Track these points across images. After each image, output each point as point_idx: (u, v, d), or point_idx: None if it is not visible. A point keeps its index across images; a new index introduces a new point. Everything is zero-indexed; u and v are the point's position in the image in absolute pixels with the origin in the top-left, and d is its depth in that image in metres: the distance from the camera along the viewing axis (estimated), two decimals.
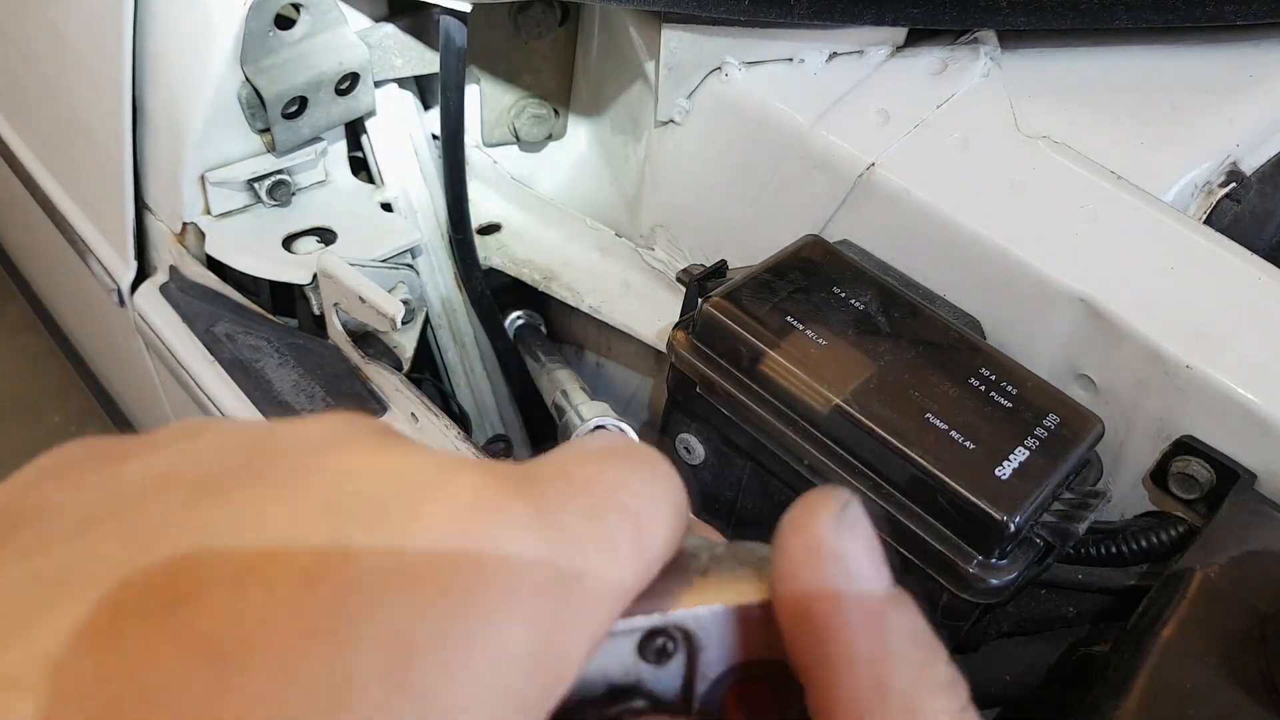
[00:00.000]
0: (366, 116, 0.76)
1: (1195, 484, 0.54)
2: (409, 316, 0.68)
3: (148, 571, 0.17)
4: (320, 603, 0.17)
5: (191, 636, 0.16)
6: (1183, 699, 0.43)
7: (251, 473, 0.19)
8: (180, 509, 0.18)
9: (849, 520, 0.21)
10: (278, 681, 0.16)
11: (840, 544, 0.21)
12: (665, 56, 0.68)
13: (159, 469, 0.20)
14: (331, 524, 0.18)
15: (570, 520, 0.20)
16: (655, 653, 0.22)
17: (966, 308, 0.62)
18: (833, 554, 0.21)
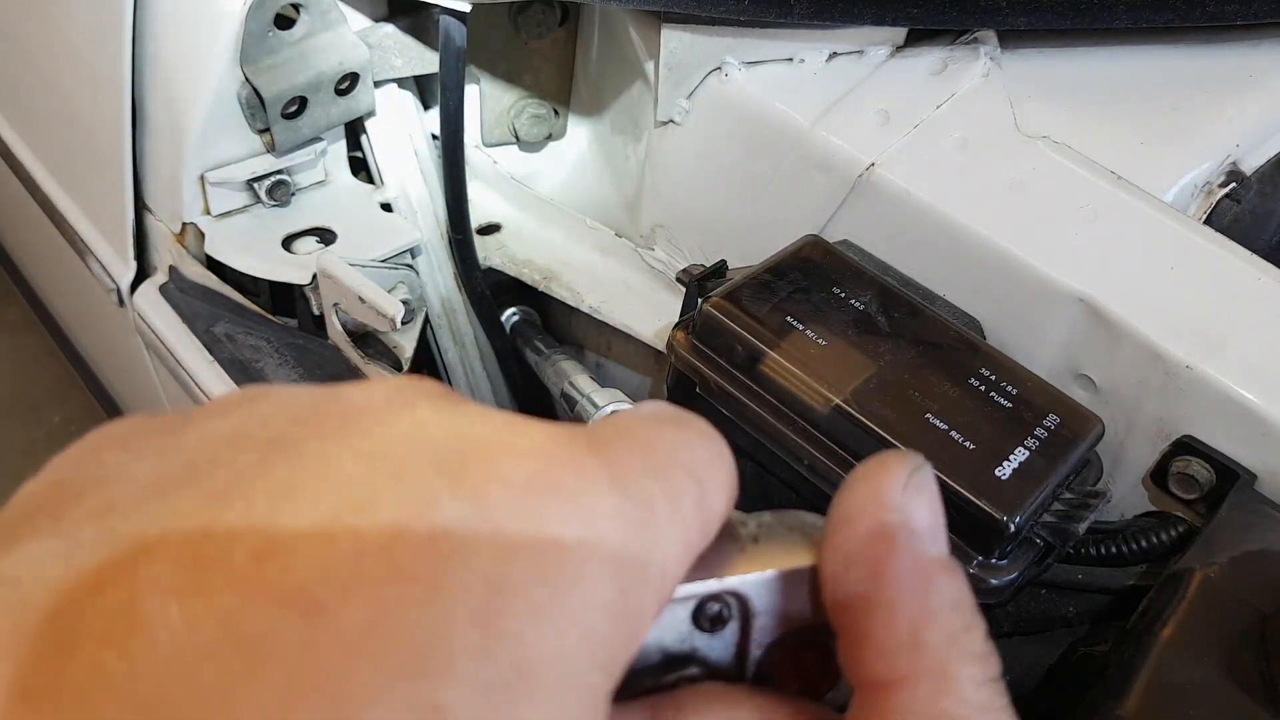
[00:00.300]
0: (366, 116, 0.76)
1: (1195, 484, 0.54)
2: (409, 316, 0.68)
3: (230, 528, 0.17)
4: (409, 551, 0.17)
5: (283, 588, 0.16)
6: (1183, 699, 0.43)
7: (323, 431, 0.19)
8: (255, 467, 0.18)
9: (918, 481, 0.22)
10: (373, 629, 0.16)
11: (905, 499, 0.21)
12: (665, 56, 0.68)
13: (226, 432, 0.20)
14: (410, 477, 0.18)
15: (639, 477, 0.20)
16: (710, 620, 0.23)
17: (966, 308, 0.62)
18: (896, 506, 0.21)
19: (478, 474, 0.18)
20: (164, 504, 0.18)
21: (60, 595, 0.16)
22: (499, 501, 0.18)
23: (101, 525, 0.18)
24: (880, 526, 0.21)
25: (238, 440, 0.19)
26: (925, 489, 0.22)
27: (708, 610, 0.23)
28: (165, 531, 0.17)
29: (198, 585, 0.16)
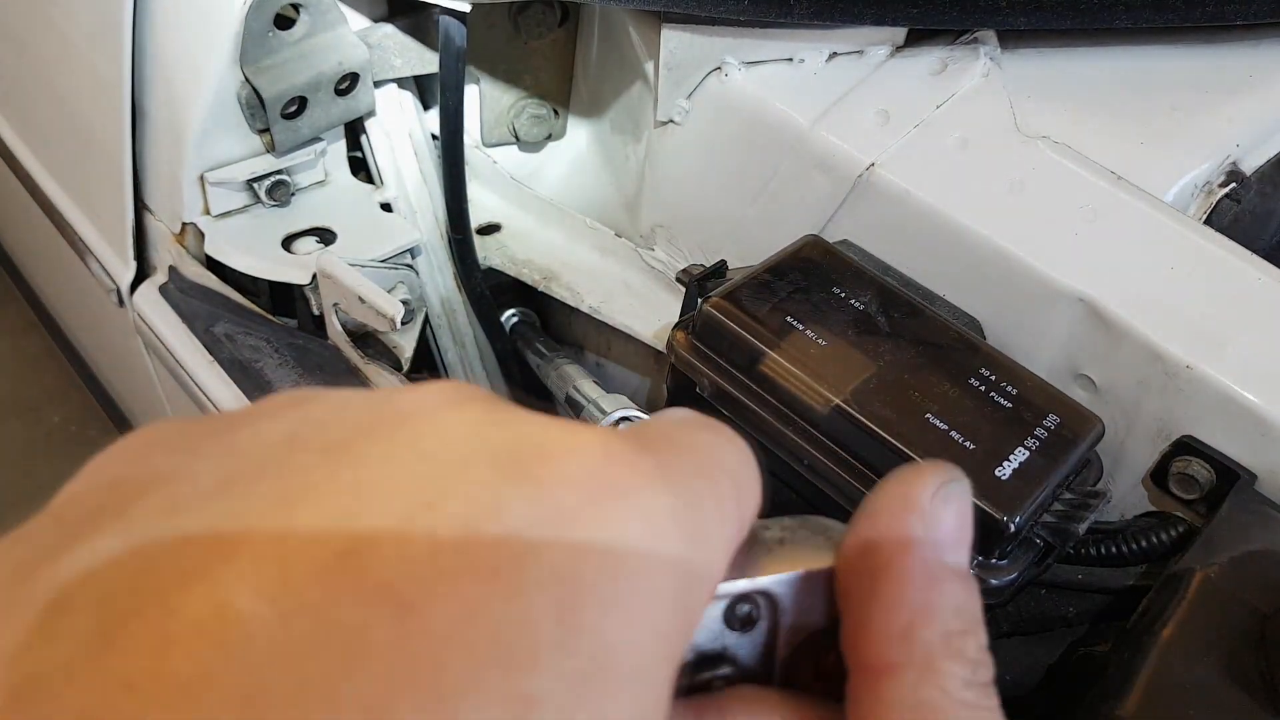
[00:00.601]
0: (366, 116, 0.76)
1: (1195, 484, 0.54)
2: (409, 317, 0.68)
3: (308, 528, 0.17)
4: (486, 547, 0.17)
5: (370, 585, 0.16)
6: (1183, 699, 0.43)
7: (381, 433, 0.19)
8: (319, 469, 0.19)
9: (948, 492, 0.23)
10: (460, 624, 0.16)
11: (932, 505, 0.22)
12: (665, 56, 0.68)
13: (281, 434, 0.20)
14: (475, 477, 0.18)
15: (689, 479, 0.21)
16: (741, 620, 0.23)
17: (966, 308, 0.62)
18: (920, 509, 0.22)
19: (540, 473, 0.19)
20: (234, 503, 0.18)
21: (144, 591, 0.16)
22: (563, 500, 0.19)
23: (173, 522, 0.18)
24: (901, 525, 0.22)
25: (295, 442, 0.19)
26: (954, 500, 0.23)
27: (739, 610, 0.23)
28: (242, 530, 0.17)
29: (285, 582, 0.16)
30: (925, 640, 0.21)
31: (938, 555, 0.22)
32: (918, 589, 0.21)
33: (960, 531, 0.22)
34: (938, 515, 0.22)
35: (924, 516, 0.22)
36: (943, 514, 0.22)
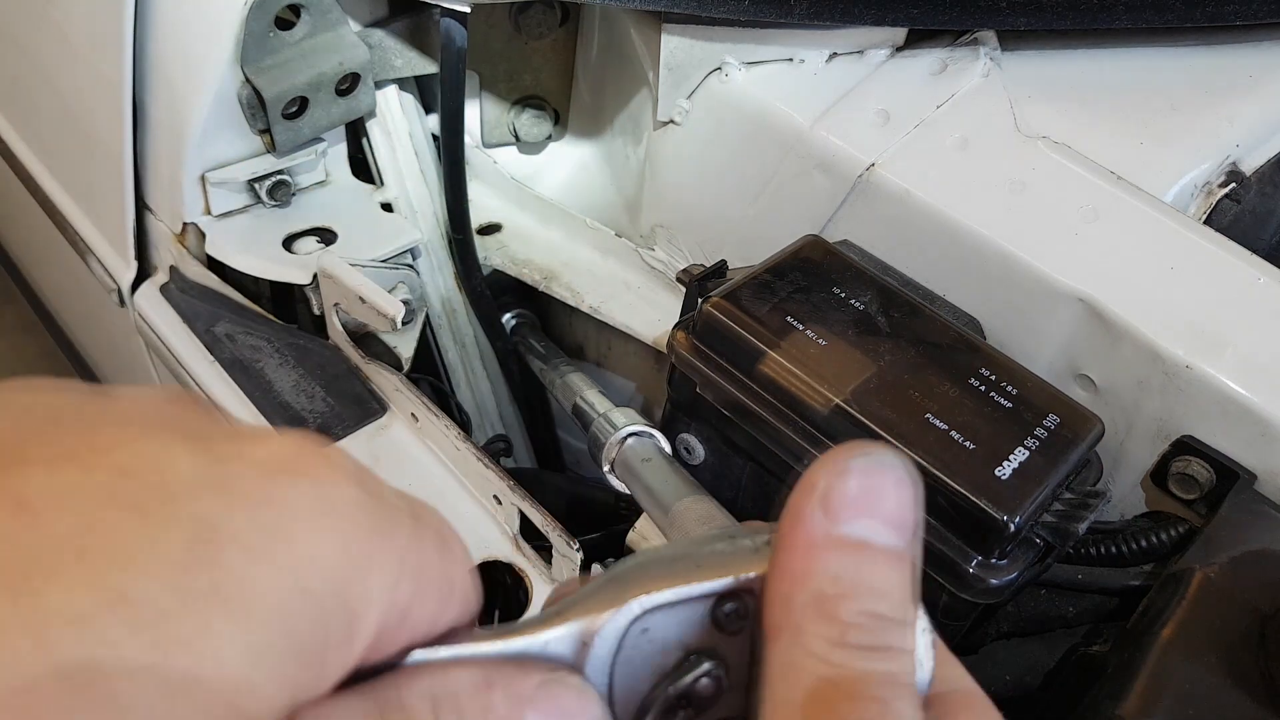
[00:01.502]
0: (367, 117, 0.76)
1: (1195, 484, 0.54)
2: (409, 317, 0.68)
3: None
4: (136, 486, 0.19)
5: (6, 495, 0.19)
6: (1183, 699, 0.43)
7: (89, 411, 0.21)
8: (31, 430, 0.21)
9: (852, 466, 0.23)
10: (81, 531, 0.18)
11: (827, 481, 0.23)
12: (665, 57, 0.68)
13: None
14: (156, 439, 0.20)
15: (392, 496, 0.23)
16: (728, 617, 0.24)
17: (966, 308, 0.62)
18: (812, 486, 0.23)
19: (222, 447, 0.21)
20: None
21: None
22: (239, 468, 0.21)
23: None
24: (795, 501, 0.23)
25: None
26: (857, 474, 0.23)
27: (725, 609, 0.24)
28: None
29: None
30: (799, 605, 0.22)
31: (825, 527, 0.22)
32: (796, 558, 0.22)
33: (863, 503, 0.23)
34: (832, 489, 0.23)
35: (813, 491, 0.23)
36: (838, 487, 0.23)
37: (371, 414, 0.69)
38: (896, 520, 0.23)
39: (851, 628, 0.22)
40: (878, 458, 0.23)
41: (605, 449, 0.59)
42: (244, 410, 0.69)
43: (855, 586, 0.22)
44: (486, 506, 0.64)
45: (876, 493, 0.23)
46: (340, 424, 0.68)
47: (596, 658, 0.23)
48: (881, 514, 0.23)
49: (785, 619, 0.22)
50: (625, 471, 0.58)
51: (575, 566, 0.58)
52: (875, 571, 0.22)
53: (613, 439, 0.60)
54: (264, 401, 0.69)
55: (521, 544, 0.62)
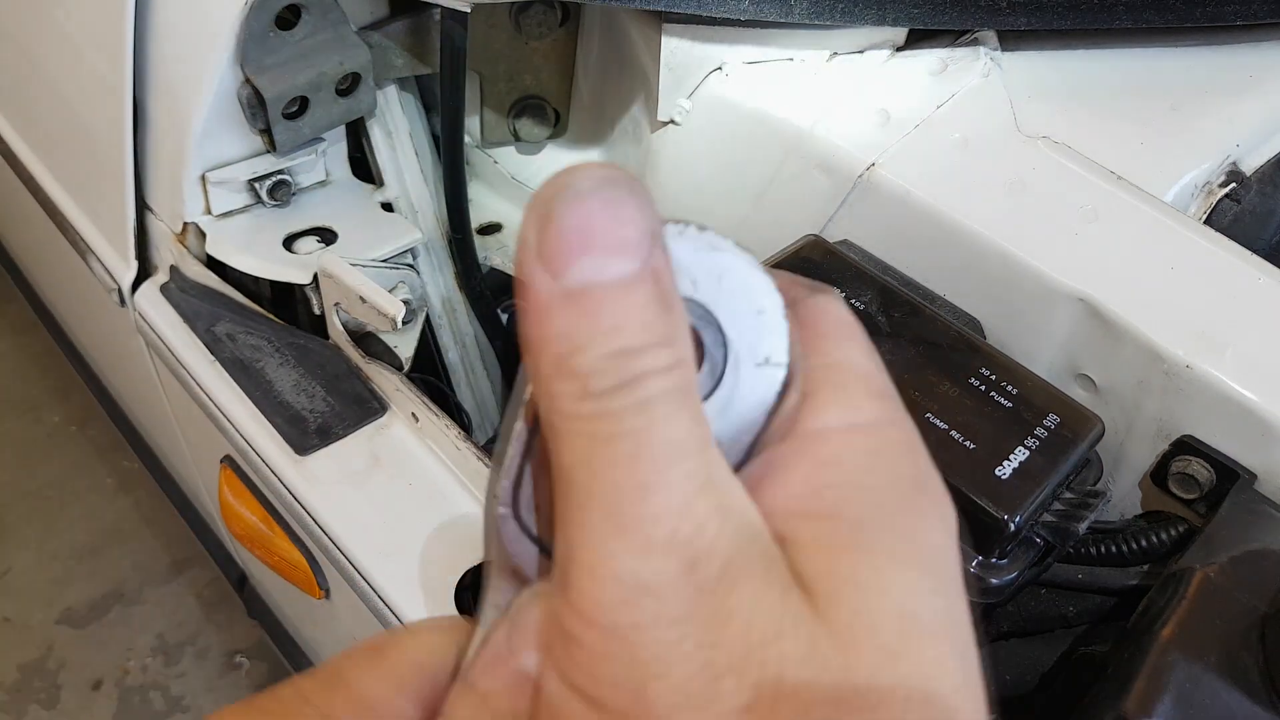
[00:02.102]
0: (367, 117, 0.76)
1: (1195, 484, 0.54)
2: (409, 316, 0.68)
3: None
4: None
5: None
6: (1183, 698, 0.43)
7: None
8: None
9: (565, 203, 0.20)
10: None
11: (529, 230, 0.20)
12: (665, 56, 0.68)
13: None
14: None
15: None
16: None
17: (966, 308, 0.62)
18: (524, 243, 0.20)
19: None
20: None
21: None
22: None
23: None
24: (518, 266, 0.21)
25: None
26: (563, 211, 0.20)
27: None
28: None
29: None
30: (544, 375, 0.20)
31: (550, 285, 0.20)
32: (529, 329, 0.20)
33: (576, 243, 0.20)
34: (545, 238, 0.20)
35: (527, 248, 0.20)
36: (548, 236, 0.20)
37: (372, 414, 0.69)
38: (618, 244, 0.20)
39: (592, 376, 0.20)
40: (581, 184, 0.20)
41: None
42: (244, 410, 0.69)
43: (586, 336, 0.20)
44: None
45: (589, 225, 0.20)
46: (340, 424, 0.68)
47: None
48: (600, 245, 0.20)
49: (542, 396, 0.20)
50: None
51: None
52: (606, 311, 0.20)
53: None
54: (264, 401, 0.69)
55: None
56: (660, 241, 0.21)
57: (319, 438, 0.67)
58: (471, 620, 0.24)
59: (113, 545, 1.52)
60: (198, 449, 0.93)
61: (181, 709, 1.37)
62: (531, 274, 0.20)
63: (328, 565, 0.69)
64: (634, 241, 0.20)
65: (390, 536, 0.62)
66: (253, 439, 0.68)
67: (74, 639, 1.43)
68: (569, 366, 0.20)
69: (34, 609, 1.45)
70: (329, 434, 0.67)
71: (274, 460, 0.67)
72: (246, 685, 1.39)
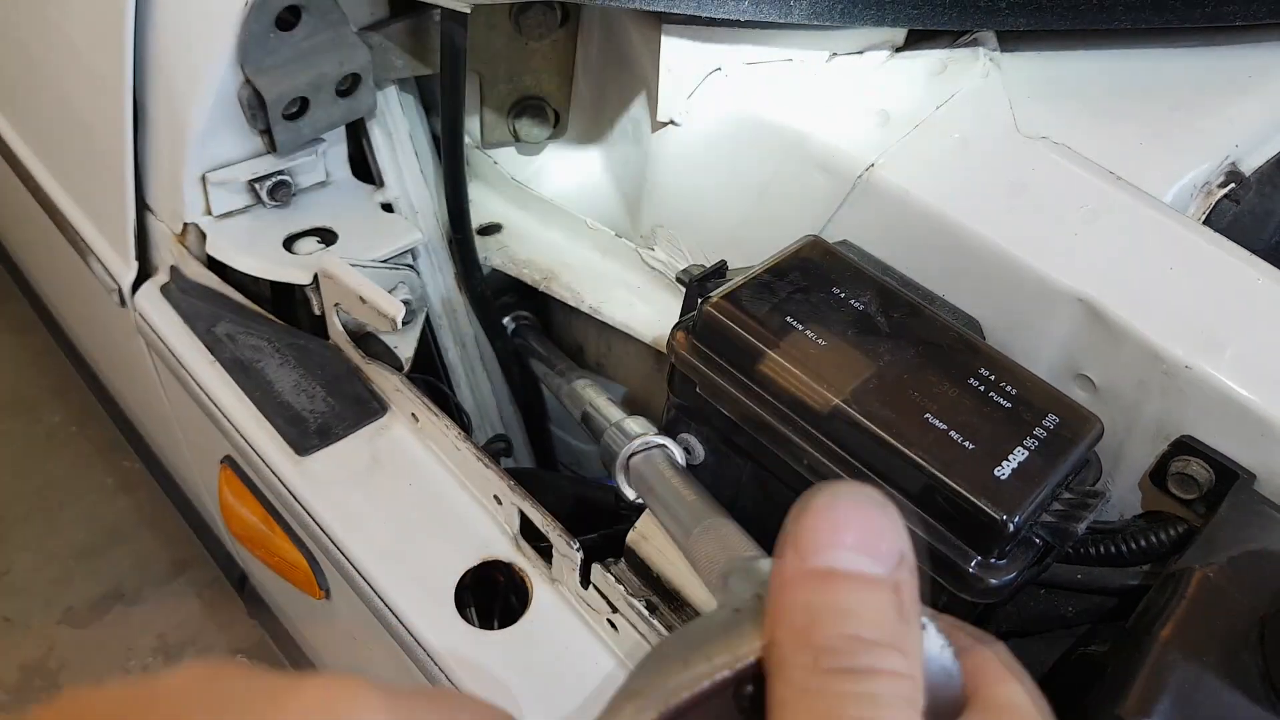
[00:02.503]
0: (367, 117, 0.76)
1: (1194, 484, 0.54)
2: (409, 317, 0.68)
3: None
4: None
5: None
6: (1182, 699, 0.43)
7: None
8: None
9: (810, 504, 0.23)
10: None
11: (794, 522, 0.24)
12: (665, 57, 0.68)
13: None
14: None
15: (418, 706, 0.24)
16: (750, 700, 0.24)
17: (966, 308, 0.62)
18: (785, 532, 0.24)
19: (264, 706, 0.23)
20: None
21: None
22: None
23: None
24: (775, 552, 0.24)
25: None
26: (814, 511, 0.23)
27: (744, 692, 0.24)
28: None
29: None
30: (779, 642, 0.22)
31: (795, 564, 0.23)
32: (775, 600, 0.23)
33: (827, 535, 0.23)
34: (798, 527, 0.23)
35: (786, 535, 0.23)
36: (804, 524, 0.23)
37: (372, 414, 0.69)
38: (867, 547, 0.23)
39: (825, 652, 0.22)
40: (843, 492, 0.24)
41: (619, 460, 0.59)
42: (244, 410, 0.69)
43: (826, 612, 0.22)
44: (486, 506, 0.64)
45: (842, 523, 0.23)
46: (340, 424, 0.68)
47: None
48: (850, 542, 0.23)
49: (772, 661, 0.22)
50: (640, 484, 0.58)
51: (575, 566, 0.58)
52: (846, 596, 0.22)
53: (626, 449, 0.59)
54: (264, 402, 0.69)
55: (521, 544, 0.62)
56: (909, 565, 0.23)
57: (319, 438, 0.67)
58: None
59: (113, 545, 1.52)
60: (198, 449, 0.93)
61: None
62: (782, 555, 0.23)
63: (328, 565, 0.69)
64: (888, 552, 0.23)
65: (390, 536, 0.63)
66: (253, 439, 0.68)
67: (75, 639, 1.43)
68: (806, 638, 0.22)
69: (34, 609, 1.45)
70: (329, 434, 0.67)
71: (274, 460, 0.67)
72: None
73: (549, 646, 0.58)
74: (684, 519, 0.51)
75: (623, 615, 0.58)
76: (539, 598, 0.61)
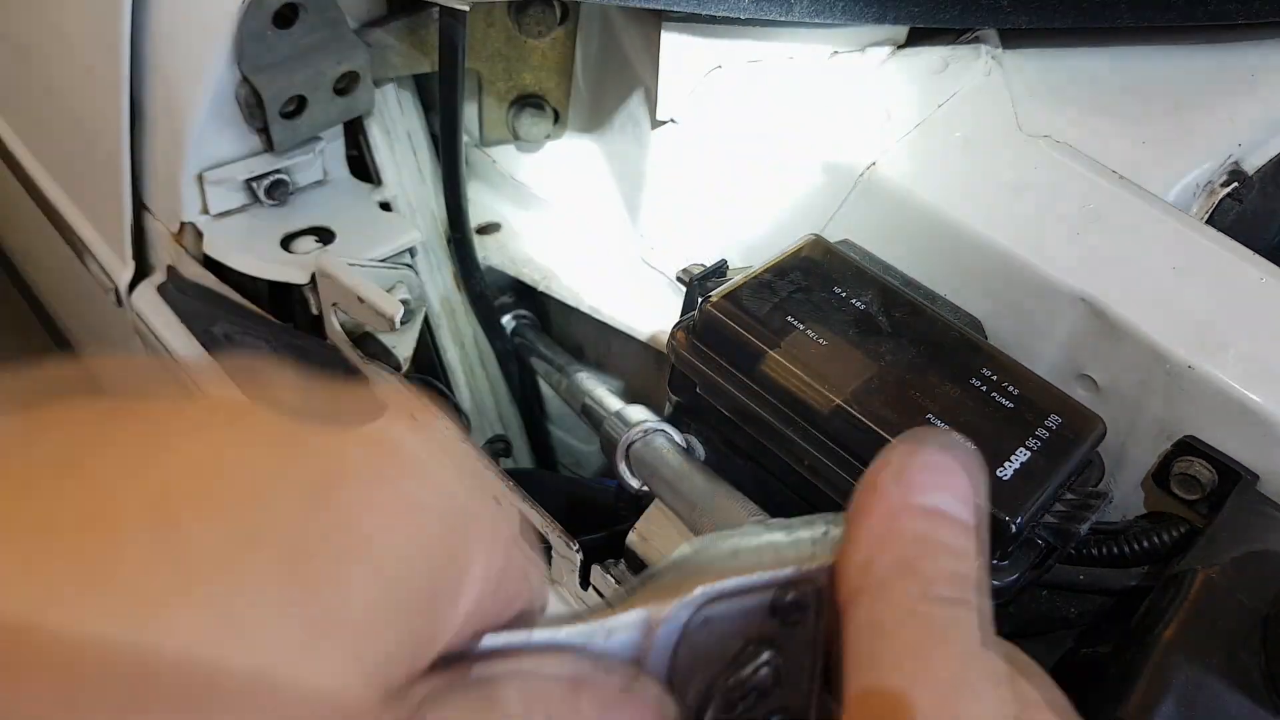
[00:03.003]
0: (365, 116, 0.76)
1: (1197, 484, 0.54)
2: (408, 316, 0.68)
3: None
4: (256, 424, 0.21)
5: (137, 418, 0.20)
6: (1184, 700, 0.42)
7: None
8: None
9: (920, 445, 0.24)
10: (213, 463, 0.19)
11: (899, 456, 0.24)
12: (665, 56, 0.68)
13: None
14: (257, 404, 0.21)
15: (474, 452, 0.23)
16: (788, 607, 0.24)
17: (968, 307, 0.61)
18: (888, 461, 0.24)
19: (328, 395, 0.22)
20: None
21: None
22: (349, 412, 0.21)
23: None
24: (872, 476, 0.24)
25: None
26: (924, 452, 0.24)
27: (786, 599, 0.24)
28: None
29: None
30: (881, 565, 0.23)
31: (903, 496, 0.23)
32: (877, 523, 0.23)
33: (933, 475, 0.24)
34: (906, 464, 0.24)
35: (889, 465, 0.24)
36: (913, 462, 0.24)
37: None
38: (966, 496, 0.24)
39: (936, 581, 0.22)
40: (950, 438, 0.24)
41: (619, 447, 0.59)
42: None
43: (937, 547, 0.23)
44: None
45: (948, 469, 0.24)
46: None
47: (660, 646, 0.24)
48: (952, 488, 0.24)
49: (866, 581, 0.23)
50: (642, 469, 0.58)
51: (575, 567, 0.58)
52: (953, 536, 0.23)
53: (626, 437, 0.59)
54: None
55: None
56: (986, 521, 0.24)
57: None
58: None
59: None
60: None
61: None
62: (886, 484, 0.24)
63: None
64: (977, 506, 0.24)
65: None
66: None
67: None
68: (916, 566, 0.23)
69: None
70: None
71: None
72: None
73: None
74: (693, 497, 0.51)
75: None
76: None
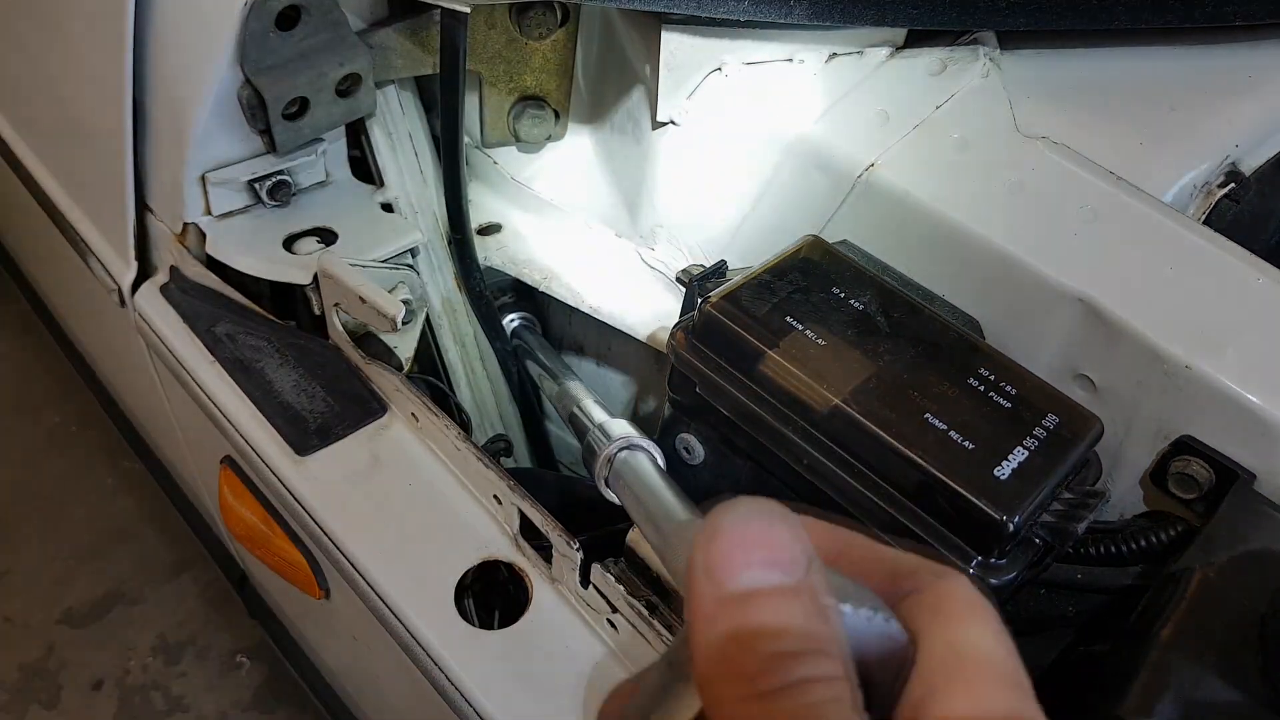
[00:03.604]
0: (367, 117, 0.76)
1: (1194, 484, 0.54)
2: (409, 317, 0.68)
3: None
4: None
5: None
6: (1182, 699, 0.43)
7: None
8: None
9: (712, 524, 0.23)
10: None
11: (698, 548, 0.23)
12: (665, 57, 0.68)
13: None
14: None
15: None
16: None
17: (966, 308, 0.62)
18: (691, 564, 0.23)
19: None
20: None
21: None
22: None
23: None
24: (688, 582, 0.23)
25: None
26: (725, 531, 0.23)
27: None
28: None
29: None
30: (711, 679, 0.22)
31: (714, 591, 0.23)
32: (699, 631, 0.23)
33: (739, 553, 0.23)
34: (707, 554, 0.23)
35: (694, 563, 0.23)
36: (712, 550, 0.23)
37: (372, 414, 0.69)
38: (776, 559, 0.23)
39: (759, 676, 0.22)
40: (741, 510, 0.23)
41: (599, 461, 0.59)
42: (244, 410, 0.69)
43: (752, 637, 0.22)
44: (486, 506, 0.64)
45: (748, 542, 0.23)
46: (340, 424, 0.68)
47: None
48: (759, 559, 0.23)
49: (709, 699, 0.22)
50: (618, 485, 0.58)
51: (575, 566, 0.58)
52: (767, 614, 0.22)
53: (606, 452, 0.59)
54: (264, 402, 0.69)
55: (521, 543, 0.62)
56: (817, 564, 0.23)
57: (319, 438, 0.67)
58: None
59: (113, 545, 1.52)
60: (198, 449, 0.93)
61: (182, 709, 1.37)
62: (698, 587, 0.23)
63: (328, 565, 0.69)
64: (793, 558, 0.23)
65: (390, 536, 0.63)
66: (253, 439, 0.68)
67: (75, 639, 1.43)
68: (736, 667, 0.22)
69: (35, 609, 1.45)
70: (329, 434, 0.67)
71: (274, 460, 0.67)
72: (247, 685, 1.39)
73: (549, 646, 0.58)
74: (657, 519, 0.50)
75: (623, 615, 0.58)
76: (539, 597, 0.61)
